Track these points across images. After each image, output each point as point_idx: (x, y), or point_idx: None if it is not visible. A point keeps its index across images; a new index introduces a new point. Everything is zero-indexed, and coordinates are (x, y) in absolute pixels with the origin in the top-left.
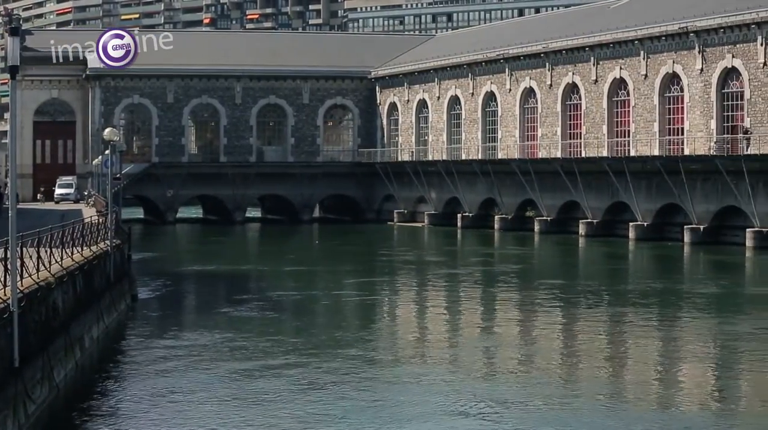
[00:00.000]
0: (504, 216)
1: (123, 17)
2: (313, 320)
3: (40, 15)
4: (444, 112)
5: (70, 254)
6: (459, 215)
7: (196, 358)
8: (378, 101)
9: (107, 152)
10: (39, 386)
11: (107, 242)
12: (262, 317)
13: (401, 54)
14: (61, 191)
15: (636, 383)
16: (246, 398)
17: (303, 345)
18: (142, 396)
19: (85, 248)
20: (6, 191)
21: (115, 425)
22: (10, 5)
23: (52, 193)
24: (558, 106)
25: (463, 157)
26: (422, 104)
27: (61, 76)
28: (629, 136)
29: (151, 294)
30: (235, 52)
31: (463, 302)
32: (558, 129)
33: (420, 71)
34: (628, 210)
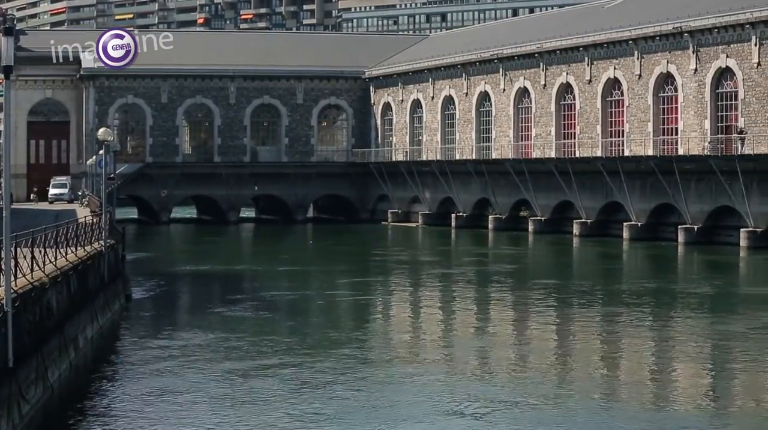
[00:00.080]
0: (498, 216)
1: (117, 17)
2: (307, 320)
3: (34, 15)
4: (438, 112)
5: (64, 254)
6: (453, 215)
7: (191, 358)
8: (372, 101)
9: (101, 152)
10: (33, 387)
11: (101, 242)
12: (256, 317)
13: (395, 54)
14: (55, 191)
15: (630, 383)
16: (240, 398)
17: (297, 345)
18: (137, 396)
19: (79, 248)
20: None
21: (110, 426)
22: (4, 5)
23: (46, 193)
24: (552, 106)
25: (458, 157)
26: (416, 104)
27: (55, 76)
28: (623, 136)
29: (145, 294)
30: (229, 52)
31: (457, 302)
32: (552, 129)
33: (414, 71)
34: (622, 210)
